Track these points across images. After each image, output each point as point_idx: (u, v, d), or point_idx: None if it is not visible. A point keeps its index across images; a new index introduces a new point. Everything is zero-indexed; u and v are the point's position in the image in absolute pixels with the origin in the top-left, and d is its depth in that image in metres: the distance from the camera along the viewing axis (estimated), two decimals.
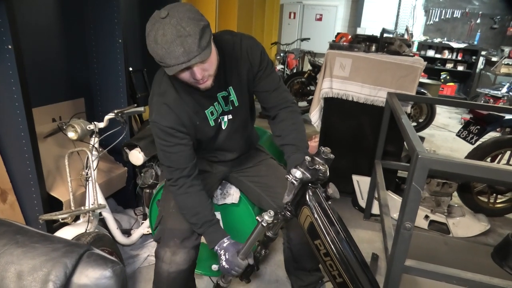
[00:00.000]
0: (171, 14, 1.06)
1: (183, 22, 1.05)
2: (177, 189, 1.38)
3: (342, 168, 2.90)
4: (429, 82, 5.41)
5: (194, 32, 1.06)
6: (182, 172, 1.36)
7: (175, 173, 1.36)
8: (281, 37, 7.86)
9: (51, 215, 1.62)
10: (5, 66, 1.57)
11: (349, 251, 1.12)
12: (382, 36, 2.76)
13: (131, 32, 2.74)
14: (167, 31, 1.05)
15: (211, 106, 1.39)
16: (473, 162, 1.24)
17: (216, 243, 1.36)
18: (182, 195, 1.38)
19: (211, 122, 1.41)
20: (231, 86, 1.40)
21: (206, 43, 1.10)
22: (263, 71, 1.42)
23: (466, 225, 2.61)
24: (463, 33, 7.46)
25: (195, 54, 1.08)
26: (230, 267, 1.31)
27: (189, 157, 1.36)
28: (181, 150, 1.34)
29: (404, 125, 1.61)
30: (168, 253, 1.41)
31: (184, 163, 1.35)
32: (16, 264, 0.60)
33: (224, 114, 1.45)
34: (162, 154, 1.36)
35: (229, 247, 1.33)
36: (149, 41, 1.09)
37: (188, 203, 1.39)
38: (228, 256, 1.31)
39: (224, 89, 1.39)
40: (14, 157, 1.73)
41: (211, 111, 1.39)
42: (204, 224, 1.38)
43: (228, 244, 1.34)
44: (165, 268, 1.41)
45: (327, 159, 1.11)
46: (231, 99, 1.42)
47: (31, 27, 2.01)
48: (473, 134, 2.78)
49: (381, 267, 2.20)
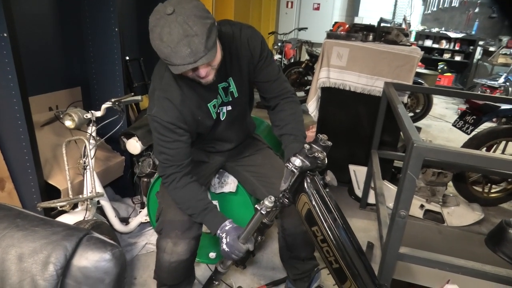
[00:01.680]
0: (178, 10, 1.04)
1: (190, 21, 1.03)
2: (169, 185, 1.38)
3: (339, 157, 2.91)
4: (426, 73, 5.42)
5: (201, 31, 1.04)
6: (176, 168, 1.35)
7: (169, 169, 1.36)
8: (279, 27, 7.80)
9: (49, 203, 1.63)
10: (1, 54, 1.56)
11: (346, 237, 1.14)
12: (379, 26, 2.75)
13: (127, 21, 2.72)
14: (173, 29, 1.03)
15: (214, 99, 1.38)
16: (467, 151, 1.26)
17: (217, 228, 1.35)
18: (174, 190, 1.39)
19: (214, 115, 1.42)
20: (231, 77, 1.39)
21: (212, 43, 1.08)
22: (264, 61, 1.41)
23: (461, 215, 2.64)
24: (461, 22, 7.43)
25: (202, 55, 1.07)
26: (230, 250, 1.29)
27: (185, 155, 1.36)
28: (179, 146, 1.33)
29: (401, 114, 1.63)
30: (170, 244, 1.43)
31: (180, 160, 1.35)
32: (17, 247, 0.61)
33: (224, 105, 1.45)
34: (159, 149, 1.35)
35: (231, 231, 1.31)
36: (153, 37, 1.07)
37: (181, 197, 1.39)
38: (229, 240, 1.29)
39: (224, 80, 1.38)
40: (11, 146, 1.73)
41: (213, 104, 1.39)
42: (200, 213, 1.38)
43: (230, 227, 1.33)
44: (167, 258, 1.44)
45: (325, 147, 1.12)
46: (230, 90, 1.42)
47: (27, 16, 1.99)
48: (469, 124, 2.80)
49: (376, 256, 2.23)
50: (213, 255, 2.02)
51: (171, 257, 1.44)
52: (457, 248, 2.26)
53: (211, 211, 1.38)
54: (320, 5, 7.52)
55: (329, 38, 2.71)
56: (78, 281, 0.60)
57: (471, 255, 1.59)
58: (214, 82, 1.30)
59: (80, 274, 0.61)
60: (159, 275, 1.52)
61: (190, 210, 1.39)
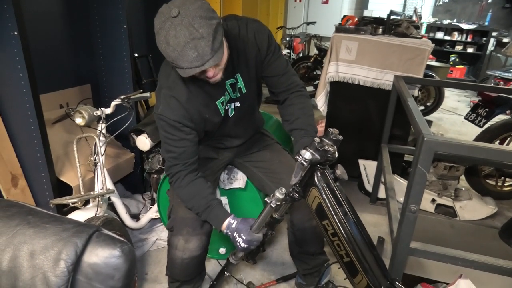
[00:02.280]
0: (182, 13, 1.02)
1: (196, 23, 1.02)
2: (174, 183, 1.39)
3: (349, 152, 2.89)
4: (437, 65, 5.32)
5: (208, 33, 1.03)
6: (181, 167, 1.35)
7: (175, 167, 1.36)
8: (287, 21, 7.76)
9: (62, 200, 1.65)
10: (12, 53, 1.58)
11: (356, 231, 1.13)
12: (389, 18, 2.71)
13: (135, 18, 2.73)
14: (179, 32, 1.02)
15: (222, 96, 1.38)
16: (478, 144, 1.24)
17: (220, 225, 1.34)
18: (178, 189, 1.39)
19: (222, 112, 1.41)
20: (238, 73, 1.38)
21: (219, 43, 1.07)
22: (272, 55, 1.40)
23: (473, 208, 2.61)
24: (473, 13, 7.28)
25: (209, 58, 1.06)
26: (249, 245, 1.29)
27: (192, 153, 1.36)
28: (186, 145, 1.33)
29: (411, 108, 1.60)
30: (182, 241, 1.44)
31: (185, 158, 1.35)
32: (29, 243, 0.62)
33: (232, 102, 1.44)
34: (166, 147, 1.35)
35: (240, 227, 1.30)
36: (160, 40, 1.06)
37: (185, 195, 1.39)
38: (245, 236, 1.28)
39: (232, 77, 1.37)
40: (23, 143, 1.76)
41: (221, 101, 1.39)
42: (204, 212, 1.37)
43: (237, 223, 1.31)
44: (179, 255, 1.45)
45: (335, 141, 1.11)
46: (238, 86, 1.41)
47: (36, 15, 2.01)
48: (481, 117, 2.74)
49: (387, 250, 2.22)
50: (223, 250, 2.03)
51: (183, 253, 1.45)
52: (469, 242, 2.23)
53: (213, 208, 1.36)
54: None
55: (338, 32, 2.68)
56: (88, 277, 0.61)
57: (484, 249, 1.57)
58: (221, 80, 1.29)
59: (90, 270, 0.62)
60: (172, 272, 1.54)
61: (194, 209, 1.39)
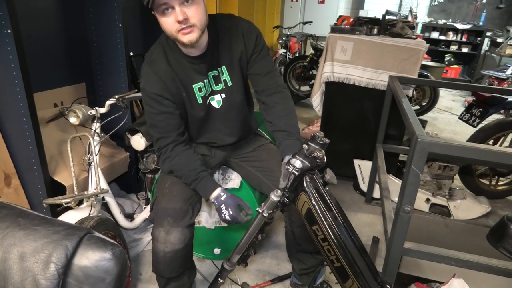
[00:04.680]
0: None
1: None
2: (162, 156, 1.45)
3: (344, 152, 2.90)
4: (432, 65, 5.35)
5: None
6: (167, 140, 1.42)
7: (161, 141, 1.43)
8: (283, 21, 7.75)
9: (55, 199, 1.64)
10: (5, 51, 1.56)
11: (347, 236, 1.13)
12: (384, 19, 2.72)
13: (131, 16, 2.71)
14: None
15: (200, 82, 1.42)
16: (471, 145, 1.24)
17: (209, 194, 1.42)
18: (167, 160, 1.44)
19: (199, 99, 1.45)
20: (224, 66, 1.43)
21: None
22: (258, 54, 1.45)
23: (467, 208, 2.62)
24: (468, 13, 7.31)
25: None
26: (233, 220, 1.39)
27: (175, 125, 1.42)
28: (167, 118, 1.40)
29: (405, 108, 1.61)
30: (162, 232, 1.41)
31: (169, 131, 1.42)
32: (19, 246, 0.61)
33: (214, 94, 1.48)
34: (150, 122, 1.43)
35: (229, 202, 1.40)
36: None
37: (175, 165, 1.44)
38: (232, 212, 1.38)
39: (215, 68, 1.43)
40: (17, 142, 1.74)
41: (199, 87, 1.43)
42: (192, 183, 1.43)
43: (226, 197, 1.40)
44: (161, 248, 1.42)
45: (322, 144, 1.12)
46: (223, 78, 1.46)
47: (30, 12, 1.99)
48: (475, 117, 2.76)
49: (382, 250, 2.23)
50: (218, 251, 2.03)
51: (165, 246, 1.42)
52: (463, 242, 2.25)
53: (202, 179, 1.43)
54: None
55: (333, 32, 2.68)
56: (79, 280, 0.61)
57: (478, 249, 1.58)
58: (204, 68, 1.38)
59: (81, 273, 0.61)
60: (156, 267, 1.51)
61: (183, 178, 1.45)
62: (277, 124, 1.45)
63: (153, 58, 1.39)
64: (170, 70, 1.37)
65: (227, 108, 1.52)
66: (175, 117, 1.42)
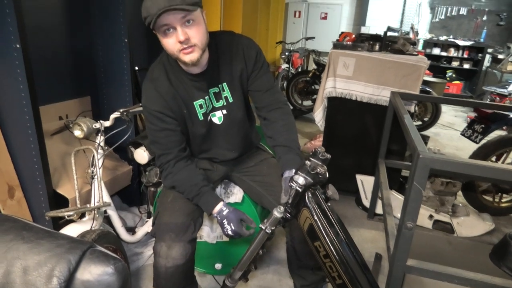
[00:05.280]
0: None
1: None
2: (164, 171, 1.45)
3: (346, 167, 2.90)
4: (434, 81, 5.38)
5: None
6: (168, 156, 1.43)
7: (163, 157, 1.44)
8: (286, 36, 7.85)
9: (57, 212, 1.64)
10: (13, 65, 1.60)
11: (349, 252, 1.13)
12: (385, 35, 2.75)
13: (136, 31, 2.76)
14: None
15: (201, 99, 1.43)
16: (473, 162, 1.24)
17: (211, 209, 1.42)
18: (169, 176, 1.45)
19: (200, 116, 1.46)
20: (225, 83, 1.45)
21: (192, 1, 1.16)
22: (258, 71, 1.46)
23: (471, 225, 2.60)
24: (469, 30, 7.40)
25: (178, 3, 1.14)
26: (235, 235, 1.38)
27: (176, 142, 1.43)
28: (169, 135, 1.41)
29: (407, 124, 1.62)
30: (164, 247, 1.41)
31: (171, 148, 1.42)
32: (22, 259, 0.62)
33: (216, 110, 1.49)
34: (151, 138, 1.44)
35: (231, 216, 1.39)
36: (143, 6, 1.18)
37: (177, 181, 1.45)
38: (235, 227, 1.37)
39: (216, 85, 1.44)
40: (21, 154, 1.76)
41: (200, 104, 1.44)
42: (195, 198, 1.43)
43: (228, 212, 1.40)
44: (162, 263, 1.42)
45: (324, 159, 1.12)
46: (224, 95, 1.47)
47: (38, 27, 2.04)
48: (477, 133, 2.77)
49: (385, 267, 2.21)
50: (219, 266, 2.01)
51: (166, 261, 1.41)
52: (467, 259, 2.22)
53: (204, 194, 1.43)
54: (328, 14, 7.57)
55: (335, 48, 2.72)
56: None
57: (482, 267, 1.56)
58: (205, 85, 1.39)
59: (83, 287, 0.61)
60: (157, 282, 1.49)
61: (185, 194, 1.45)
62: (278, 139, 1.46)
63: (154, 75, 1.40)
64: (171, 88, 1.39)
65: (228, 124, 1.52)
66: (176, 134, 1.43)
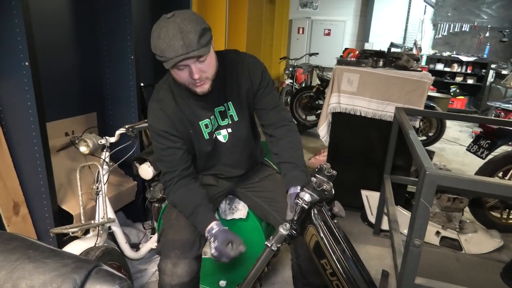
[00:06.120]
0: (176, 14, 1.15)
1: (186, 21, 1.14)
2: (167, 189, 1.45)
3: (351, 182, 2.88)
4: (438, 96, 5.39)
5: (195, 30, 1.13)
6: (173, 174, 1.43)
7: (167, 175, 1.44)
8: (290, 52, 7.95)
9: (62, 229, 1.64)
10: (22, 82, 1.62)
11: (356, 270, 1.11)
12: (389, 52, 2.78)
13: (142, 48, 2.80)
14: (170, 27, 1.13)
15: (206, 118, 1.44)
16: (481, 179, 1.23)
17: (204, 228, 1.38)
18: (170, 194, 1.44)
19: (205, 135, 1.46)
20: (230, 102, 1.45)
21: (205, 41, 1.17)
22: (263, 90, 1.46)
23: (479, 242, 2.56)
24: (472, 46, 7.45)
25: (194, 49, 1.14)
26: (219, 255, 1.33)
27: (181, 161, 1.43)
28: (174, 153, 1.41)
29: (412, 140, 1.61)
30: (169, 265, 1.40)
31: (176, 166, 1.43)
32: (28, 279, 0.61)
33: (221, 129, 1.49)
34: (158, 156, 1.45)
35: (218, 234, 1.34)
36: (153, 38, 1.17)
37: (176, 199, 1.44)
38: (218, 244, 1.32)
39: (222, 104, 1.44)
40: (27, 170, 1.77)
41: (205, 123, 1.45)
42: (190, 216, 1.42)
43: (216, 231, 1.36)
44: (167, 281, 1.40)
45: (330, 176, 1.12)
46: (230, 113, 1.47)
47: (47, 45, 2.07)
48: (483, 149, 2.75)
49: (392, 285, 2.17)
50: (223, 283, 1.99)
51: (171, 279, 1.39)
52: (477, 277, 2.18)
53: (199, 213, 1.41)
54: (331, 30, 7.67)
55: (339, 65, 2.74)
56: None
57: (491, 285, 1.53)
58: (211, 104, 1.39)
59: None
60: None
61: (183, 212, 1.44)
62: (283, 156, 1.46)
63: (160, 96, 1.41)
64: (177, 109, 1.39)
65: (233, 143, 1.52)
66: (181, 152, 1.43)
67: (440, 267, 2.34)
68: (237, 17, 4.52)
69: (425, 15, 7.37)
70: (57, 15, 2.14)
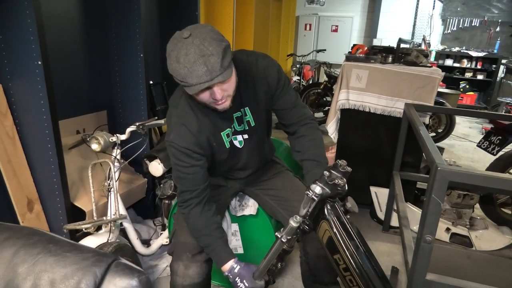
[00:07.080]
0: (194, 34, 1.07)
1: (206, 42, 1.06)
2: (184, 209, 1.38)
3: (360, 179, 2.87)
4: (447, 92, 5.34)
5: (217, 51, 1.06)
6: (192, 193, 1.35)
7: (186, 193, 1.36)
8: (297, 49, 7.92)
9: (75, 225, 1.67)
10: (35, 81, 1.65)
11: (369, 265, 1.11)
12: (398, 47, 2.76)
13: (151, 47, 2.82)
14: (190, 50, 1.06)
15: (227, 128, 1.40)
16: (493, 174, 1.23)
17: (222, 265, 1.34)
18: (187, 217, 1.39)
19: (227, 144, 1.43)
20: (247, 107, 1.41)
21: (227, 63, 1.10)
22: (281, 90, 1.42)
23: (490, 238, 2.54)
24: (482, 41, 7.35)
25: (218, 73, 1.08)
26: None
27: (202, 179, 1.36)
28: (196, 171, 1.34)
29: (423, 136, 1.61)
30: (181, 266, 1.42)
31: (196, 185, 1.35)
32: (49, 272, 0.63)
33: (237, 134, 1.45)
34: (177, 174, 1.36)
35: (243, 273, 1.30)
36: (171, 61, 1.09)
37: (192, 225, 1.39)
38: (248, 284, 1.27)
39: (239, 110, 1.40)
40: (41, 168, 1.80)
41: (227, 133, 1.41)
42: (207, 248, 1.38)
43: (239, 268, 1.31)
44: (179, 282, 1.43)
45: (344, 173, 1.12)
46: (246, 119, 1.43)
47: (59, 44, 2.10)
48: (494, 145, 2.72)
49: (402, 281, 2.16)
50: None
51: (183, 280, 1.42)
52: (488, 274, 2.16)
53: (216, 248, 1.37)
54: (338, 27, 7.63)
55: (348, 61, 2.73)
56: None
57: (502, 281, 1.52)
58: (229, 112, 1.32)
59: None
60: None
61: (198, 241, 1.41)
62: (306, 153, 1.44)
63: (179, 111, 1.33)
64: (200, 124, 1.33)
65: (248, 148, 1.50)
66: (203, 171, 1.37)
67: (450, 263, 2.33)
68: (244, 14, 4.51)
69: (434, 10, 7.29)
70: (67, 15, 2.17)
